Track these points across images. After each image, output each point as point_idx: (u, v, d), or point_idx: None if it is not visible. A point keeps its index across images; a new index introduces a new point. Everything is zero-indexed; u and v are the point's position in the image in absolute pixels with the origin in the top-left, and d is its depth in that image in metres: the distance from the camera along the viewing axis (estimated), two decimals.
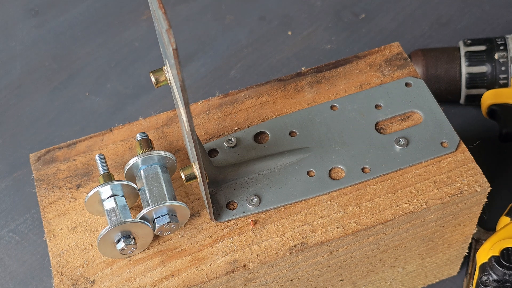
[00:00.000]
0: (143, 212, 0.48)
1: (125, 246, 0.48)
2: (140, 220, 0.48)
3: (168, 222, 0.48)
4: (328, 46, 0.86)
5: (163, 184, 0.50)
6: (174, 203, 0.48)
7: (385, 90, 0.58)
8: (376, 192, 0.52)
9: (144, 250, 0.50)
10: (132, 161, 0.50)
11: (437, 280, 0.66)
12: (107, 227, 0.47)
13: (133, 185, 0.50)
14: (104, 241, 0.48)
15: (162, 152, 0.50)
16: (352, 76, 0.59)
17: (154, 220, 0.49)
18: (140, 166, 0.50)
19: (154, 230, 0.49)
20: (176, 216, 0.49)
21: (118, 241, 0.48)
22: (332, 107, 0.57)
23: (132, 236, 0.48)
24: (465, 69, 0.72)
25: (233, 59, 0.86)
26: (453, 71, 0.73)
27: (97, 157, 0.52)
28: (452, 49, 0.74)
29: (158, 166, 0.50)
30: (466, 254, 0.63)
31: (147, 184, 0.50)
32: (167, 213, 0.49)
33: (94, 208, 0.50)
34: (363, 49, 0.83)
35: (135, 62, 0.86)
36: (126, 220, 0.48)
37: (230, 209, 0.52)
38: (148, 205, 0.48)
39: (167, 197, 0.49)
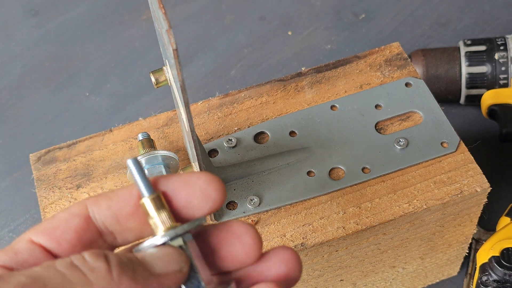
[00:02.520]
0: None
1: None
2: None
3: None
4: (328, 46, 0.86)
5: None
6: None
7: (385, 90, 0.58)
8: (376, 192, 0.52)
9: None
10: None
11: (437, 281, 0.66)
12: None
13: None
14: None
15: (167, 152, 0.50)
16: (352, 76, 0.59)
17: None
18: (144, 165, 0.50)
19: None
20: None
21: None
22: (332, 107, 0.57)
23: None
24: (465, 69, 0.72)
25: (233, 59, 0.85)
26: (453, 71, 0.73)
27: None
28: (452, 49, 0.74)
29: (162, 166, 0.50)
30: (466, 254, 0.63)
31: None
32: None
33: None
34: (363, 49, 0.82)
35: (135, 62, 0.86)
36: None
37: (230, 209, 0.52)
38: None
39: None
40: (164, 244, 0.31)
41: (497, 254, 0.55)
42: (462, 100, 0.75)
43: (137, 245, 0.32)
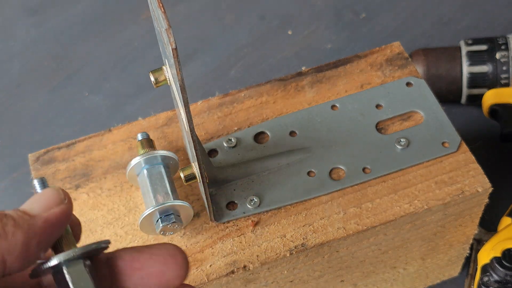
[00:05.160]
0: (148, 211, 0.48)
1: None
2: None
3: (172, 222, 0.48)
4: (329, 46, 0.85)
5: (167, 184, 0.49)
6: (179, 203, 0.48)
7: (386, 90, 0.58)
8: (377, 192, 0.52)
9: None
10: (135, 161, 0.49)
11: (438, 281, 0.65)
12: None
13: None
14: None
15: (166, 152, 0.50)
16: (353, 76, 0.59)
17: (158, 220, 0.48)
18: (143, 165, 0.50)
19: (157, 230, 0.49)
20: (180, 216, 0.49)
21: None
22: (332, 107, 0.57)
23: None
24: (466, 69, 0.72)
25: (233, 59, 0.85)
26: (454, 71, 0.73)
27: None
28: (453, 48, 0.74)
29: (161, 166, 0.50)
30: (467, 254, 0.62)
31: (151, 184, 0.49)
32: (172, 213, 0.48)
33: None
34: (364, 49, 0.82)
35: (134, 62, 0.86)
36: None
37: (230, 209, 0.51)
38: (152, 204, 0.48)
39: (171, 197, 0.49)
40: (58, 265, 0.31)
41: (498, 255, 0.54)
42: (463, 100, 0.75)
43: None
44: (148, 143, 0.52)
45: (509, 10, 0.87)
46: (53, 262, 0.31)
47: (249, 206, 0.51)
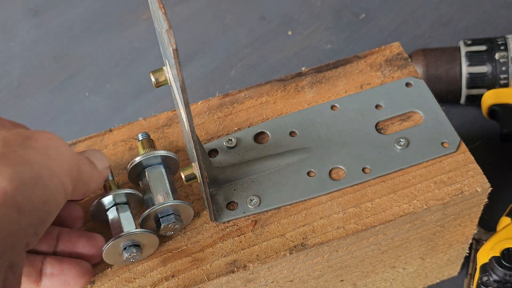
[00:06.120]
0: (148, 211, 0.48)
1: (129, 255, 0.47)
2: (144, 230, 0.47)
3: (173, 222, 0.48)
4: (328, 46, 0.86)
5: (168, 184, 0.49)
6: (179, 202, 0.48)
7: (385, 90, 0.58)
8: (377, 192, 0.52)
9: None
10: (136, 161, 0.50)
11: (438, 281, 0.66)
12: (111, 239, 0.47)
13: (138, 193, 0.50)
14: (108, 252, 0.47)
15: (166, 152, 0.50)
16: (353, 76, 0.59)
17: (158, 219, 0.49)
18: (143, 165, 0.50)
19: (158, 230, 0.49)
20: (180, 216, 0.49)
21: (123, 249, 0.48)
22: (332, 107, 0.57)
23: (138, 245, 0.48)
24: (465, 69, 0.72)
25: (233, 59, 0.85)
26: (454, 71, 0.73)
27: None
28: (453, 49, 0.74)
29: (162, 166, 0.50)
30: (467, 254, 0.63)
31: (152, 183, 0.49)
32: (172, 213, 0.49)
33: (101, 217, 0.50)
34: (364, 49, 0.82)
35: (135, 62, 0.86)
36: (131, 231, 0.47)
37: (230, 209, 0.52)
38: (153, 204, 0.48)
39: (171, 197, 0.49)
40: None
41: (498, 255, 0.55)
42: (462, 100, 0.75)
43: None
44: (149, 143, 0.52)
45: (509, 10, 0.87)
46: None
47: (249, 206, 0.51)
